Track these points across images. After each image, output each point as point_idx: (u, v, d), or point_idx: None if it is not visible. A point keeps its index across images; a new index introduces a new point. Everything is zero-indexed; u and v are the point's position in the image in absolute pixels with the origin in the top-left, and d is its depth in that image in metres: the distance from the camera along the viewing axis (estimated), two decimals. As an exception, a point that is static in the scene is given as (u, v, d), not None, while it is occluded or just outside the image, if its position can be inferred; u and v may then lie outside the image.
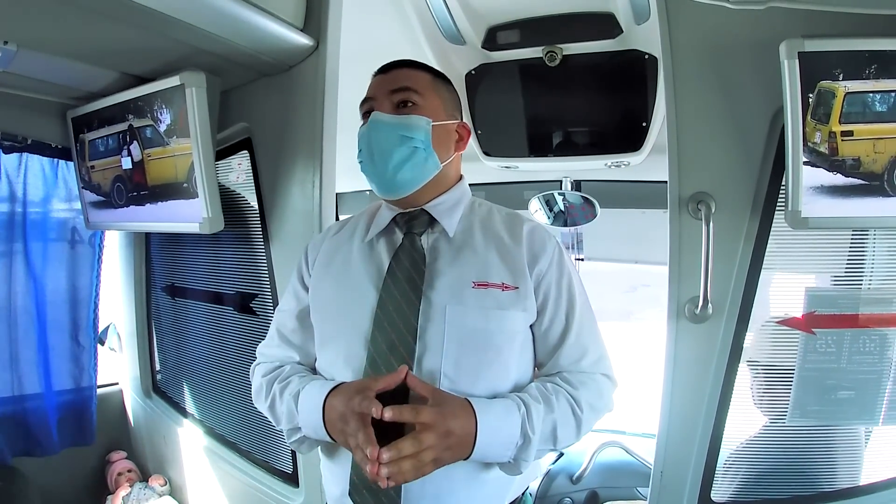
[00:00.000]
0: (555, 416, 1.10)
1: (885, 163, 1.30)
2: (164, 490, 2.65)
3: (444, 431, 1.00)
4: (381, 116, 1.18)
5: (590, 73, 2.13)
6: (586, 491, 2.39)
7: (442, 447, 1.00)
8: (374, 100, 1.21)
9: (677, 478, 1.58)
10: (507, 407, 1.07)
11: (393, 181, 1.18)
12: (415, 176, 1.19)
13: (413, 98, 1.20)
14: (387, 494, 1.09)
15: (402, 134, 1.17)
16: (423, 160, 1.18)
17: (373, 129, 1.18)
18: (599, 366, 1.22)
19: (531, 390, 1.12)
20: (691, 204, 1.49)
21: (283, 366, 1.28)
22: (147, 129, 1.95)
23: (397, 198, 1.21)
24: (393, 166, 1.16)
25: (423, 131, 1.18)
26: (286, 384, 1.21)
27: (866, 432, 1.62)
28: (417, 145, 1.17)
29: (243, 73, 1.89)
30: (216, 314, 2.31)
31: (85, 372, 2.63)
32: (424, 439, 0.98)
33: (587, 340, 1.21)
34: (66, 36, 1.64)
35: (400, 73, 1.23)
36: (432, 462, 1.01)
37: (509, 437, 1.06)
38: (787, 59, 1.28)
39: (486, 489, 1.15)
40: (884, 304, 1.51)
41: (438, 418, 1.00)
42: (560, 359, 1.19)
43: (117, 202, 2.16)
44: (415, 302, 1.13)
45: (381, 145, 1.17)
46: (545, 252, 1.20)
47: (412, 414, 0.99)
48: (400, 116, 1.18)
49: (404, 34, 2.04)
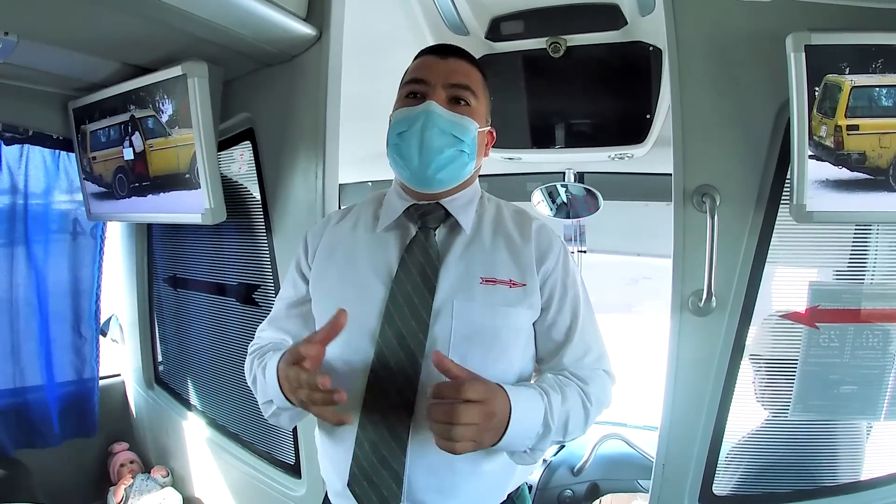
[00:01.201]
0: (568, 407, 1.09)
1: (891, 157, 1.30)
2: (166, 481, 2.65)
3: (491, 411, 0.98)
4: (440, 110, 1.14)
5: (594, 65, 2.12)
6: (587, 483, 2.40)
7: (483, 427, 0.97)
8: (429, 85, 1.16)
9: (679, 471, 1.58)
10: (532, 395, 1.06)
11: (433, 178, 1.16)
12: (453, 177, 1.18)
13: (469, 98, 1.18)
14: (387, 486, 1.09)
15: (455, 134, 1.14)
16: (464, 164, 1.18)
17: (428, 119, 1.13)
18: (601, 363, 1.22)
19: (548, 380, 1.12)
20: (696, 197, 1.48)
21: (267, 345, 1.27)
22: (149, 119, 1.95)
23: (427, 192, 1.20)
24: (438, 164, 1.14)
25: (471, 136, 1.16)
26: (263, 360, 1.20)
27: (868, 427, 1.62)
28: (465, 149, 1.16)
29: (246, 63, 1.88)
30: (218, 305, 2.31)
31: (87, 363, 2.64)
32: (472, 414, 0.95)
33: (590, 338, 1.21)
34: (66, 26, 1.64)
35: (460, 65, 1.20)
36: (471, 440, 0.97)
37: (534, 426, 1.05)
38: (793, 52, 1.27)
39: (488, 481, 1.15)
40: (887, 300, 1.50)
41: (486, 395, 0.98)
42: (564, 356, 1.18)
43: (119, 193, 2.16)
44: (427, 297, 1.12)
45: (432, 140, 1.13)
46: (552, 251, 1.19)
47: (455, 391, 0.95)
48: (456, 115, 1.15)
49: (408, 24, 2.03)
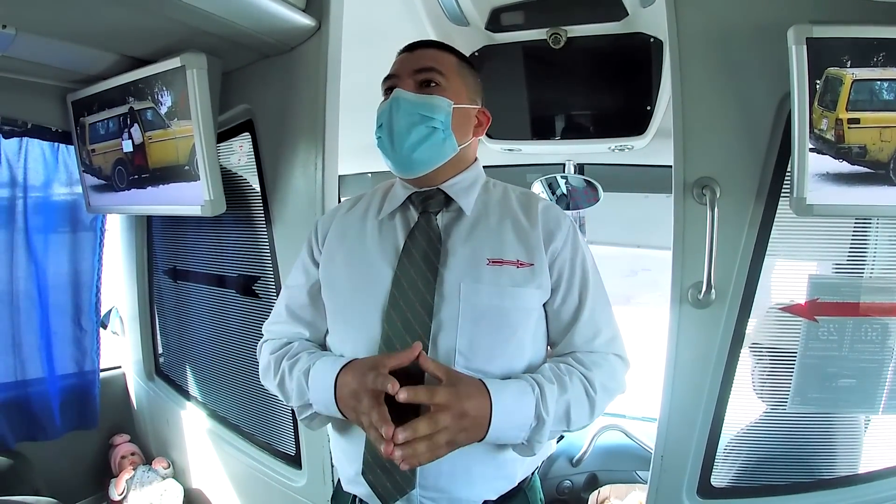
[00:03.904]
0: (568, 396, 1.10)
1: (892, 151, 1.29)
2: (167, 473, 2.67)
3: (460, 413, 1.00)
4: (403, 94, 1.18)
5: (594, 56, 2.10)
6: (586, 474, 2.41)
7: (457, 429, 1.00)
8: (398, 77, 1.21)
9: (678, 462, 1.59)
10: (520, 388, 1.07)
11: (409, 160, 1.18)
12: (431, 156, 1.19)
13: (437, 79, 1.20)
14: (401, 473, 1.10)
15: (423, 113, 1.17)
16: (440, 141, 1.19)
17: (394, 106, 1.18)
18: (612, 346, 1.22)
19: (545, 371, 1.13)
20: (696, 189, 1.48)
21: (291, 342, 1.28)
22: (148, 111, 1.94)
23: (413, 176, 1.22)
24: (410, 145, 1.17)
25: (443, 112, 1.18)
26: (295, 361, 1.21)
27: (866, 420, 1.63)
28: (437, 126, 1.18)
29: (245, 54, 1.87)
30: (218, 297, 2.31)
31: (87, 356, 2.65)
32: (440, 420, 0.98)
33: (600, 319, 1.22)
34: (65, 18, 1.62)
35: (426, 52, 1.24)
36: (447, 444, 1.00)
37: (523, 419, 1.06)
38: (794, 45, 1.27)
39: (500, 468, 1.17)
40: (886, 293, 1.50)
41: (454, 399, 1.00)
42: (574, 337, 1.19)
43: (118, 185, 2.15)
44: (431, 280, 1.14)
45: (400, 123, 1.17)
46: (560, 230, 1.20)
47: (427, 395, 0.99)
48: (422, 96, 1.19)
49: (407, 15, 2.01)
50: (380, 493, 1.12)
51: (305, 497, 1.97)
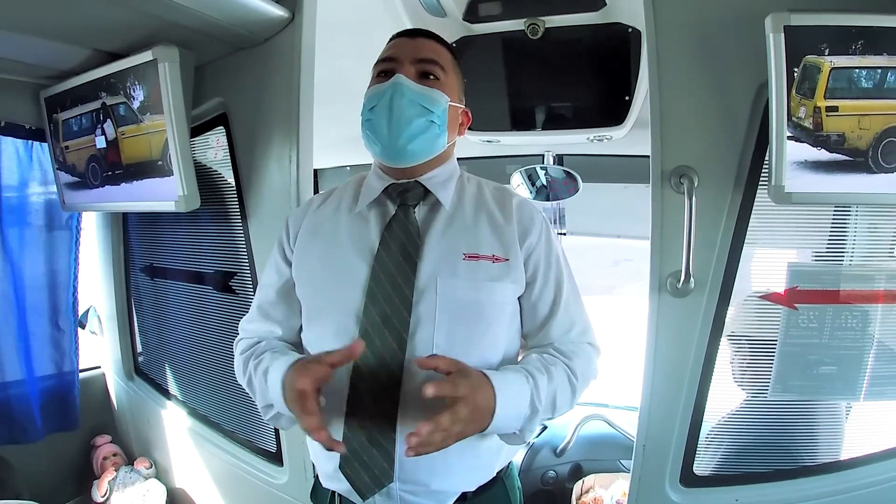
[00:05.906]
0: (555, 385, 1.12)
1: (870, 139, 1.29)
2: (149, 473, 2.65)
3: (475, 405, 1.01)
4: (408, 82, 1.16)
5: (573, 47, 2.09)
6: (570, 464, 2.43)
7: (469, 420, 1.01)
8: (398, 62, 1.19)
9: (660, 451, 1.59)
10: (518, 379, 1.08)
11: (404, 148, 1.17)
12: (424, 149, 1.19)
13: (437, 73, 1.20)
14: (379, 466, 1.10)
15: (424, 105, 1.16)
16: (435, 136, 1.19)
17: (396, 91, 1.15)
18: (586, 336, 1.25)
19: (533, 361, 1.14)
20: (674, 178, 1.47)
21: (260, 342, 1.27)
22: (120, 106, 1.91)
23: (399, 166, 1.21)
24: (408, 135, 1.16)
25: (441, 107, 1.18)
26: (259, 361, 1.20)
27: (847, 407, 1.64)
28: (434, 120, 1.17)
29: (218, 46, 1.83)
30: (196, 294, 2.28)
31: (66, 356, 2.61)
32: (460, 412, 0.98)
33: (574, 312, 1.24)
34: (35, 13, 1.60)
35: (427, 43, 1.23)
36: (457, 435, 1.01)
37: (520, 409, 1.07)
38: (772, 33, 1.26)
39: (478, 460, 1.18)
40: (865, 280, 1.51)
41: (472, 391, 1.00)
42: (551, 330, 1.21)
43: (92, 182, 2.12)
44: (409, 274, 1.13)
45: (402, 110, 1.15)
46: (534, 226, 1.21)
47: (451, 388, 0.99)
48: (425, 87, 1.17)
49: (384, 5, 1.98)
50: (358, 486, 1.12)
51: (287, 494, 1.96)
